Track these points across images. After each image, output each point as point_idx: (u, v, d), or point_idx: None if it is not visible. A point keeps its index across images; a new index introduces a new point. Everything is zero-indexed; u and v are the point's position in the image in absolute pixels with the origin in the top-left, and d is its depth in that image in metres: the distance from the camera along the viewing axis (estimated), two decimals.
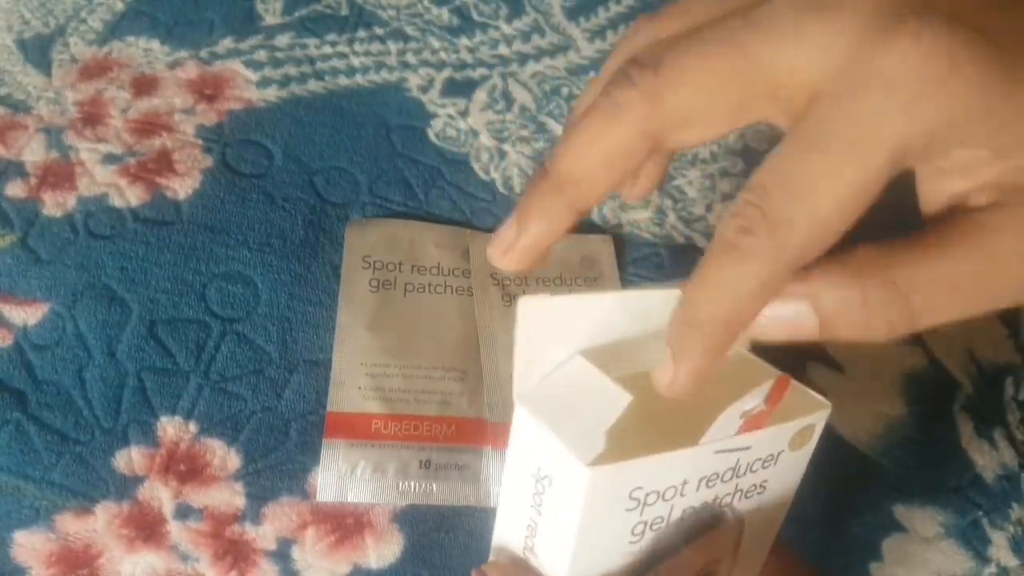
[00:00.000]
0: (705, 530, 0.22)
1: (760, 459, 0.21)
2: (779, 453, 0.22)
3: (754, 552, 0.24)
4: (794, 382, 0.22)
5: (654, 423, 0.20)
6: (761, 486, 0.22)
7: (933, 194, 0.20)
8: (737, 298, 0.18)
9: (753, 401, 0.20)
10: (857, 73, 0.17)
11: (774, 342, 0.19)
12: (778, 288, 0.18)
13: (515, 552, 0.23)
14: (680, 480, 0.21)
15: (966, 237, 0.18)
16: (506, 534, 0.23)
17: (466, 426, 0.37)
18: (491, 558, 0.24)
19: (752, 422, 0.21)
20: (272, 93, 0.47)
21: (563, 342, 0.21)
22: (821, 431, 0.22)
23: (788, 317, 0.18)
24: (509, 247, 0.22)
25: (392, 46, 0.50)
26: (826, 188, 0.17)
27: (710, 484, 0.21)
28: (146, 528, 0.34)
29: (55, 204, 0.42)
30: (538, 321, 0.21)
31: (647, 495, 0.20)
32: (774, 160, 0.18)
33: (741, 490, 0.22)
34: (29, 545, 0.34)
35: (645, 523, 0.21)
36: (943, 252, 0.18)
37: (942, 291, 0.18)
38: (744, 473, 0.21)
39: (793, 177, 0.17)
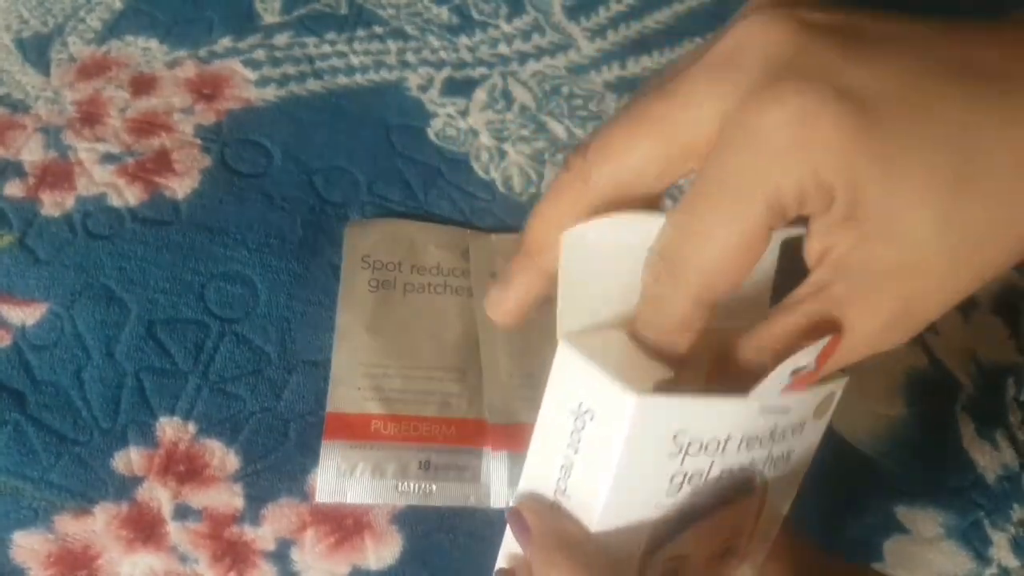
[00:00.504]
0: (736, 495, 0.22)
1: (791, 426, 0.22)
2: (804, 422, 0.22)
3: (770, 524, 0.24)
4: None
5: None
6: (787, 455, 0.22)
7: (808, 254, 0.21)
8: (666, 330, 0.21)
9: (806, 359, 0.20)
10: (735, 130, 0.19)
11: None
12: (696, 323, 0.21)
13: (546, 496, 0.23)
14: (724, 434, 0.21)
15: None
16: (536, 480, 0.23)
17: (466, 427, 0.37)
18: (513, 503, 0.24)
19: (797, 382, 0.20)
20: (271, 92, 0.47)
21: (606, 275, 0.22)
22: (835, 403, 0.22)
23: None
24: (499, 305, 0.25)
25: (392, 45, 0.50)
26: (716, 237, 0.19)
27: (750, 446, 0.21)
28: (145, 529, 0.34)
29: (53, 204, 0.42)
30: (580, 254, 0.22)
31: (690, 443, 0.20)
32: (674, 215, 0.20)
33: (773, 457, 0.22)
34: (28, 546, 0.34)
35: (685, 475, 0.21)
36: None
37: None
38: (778, 439, 0.22)
39: (688, 230, 0.20)
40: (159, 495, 0.35)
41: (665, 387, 0.20)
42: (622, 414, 0.19)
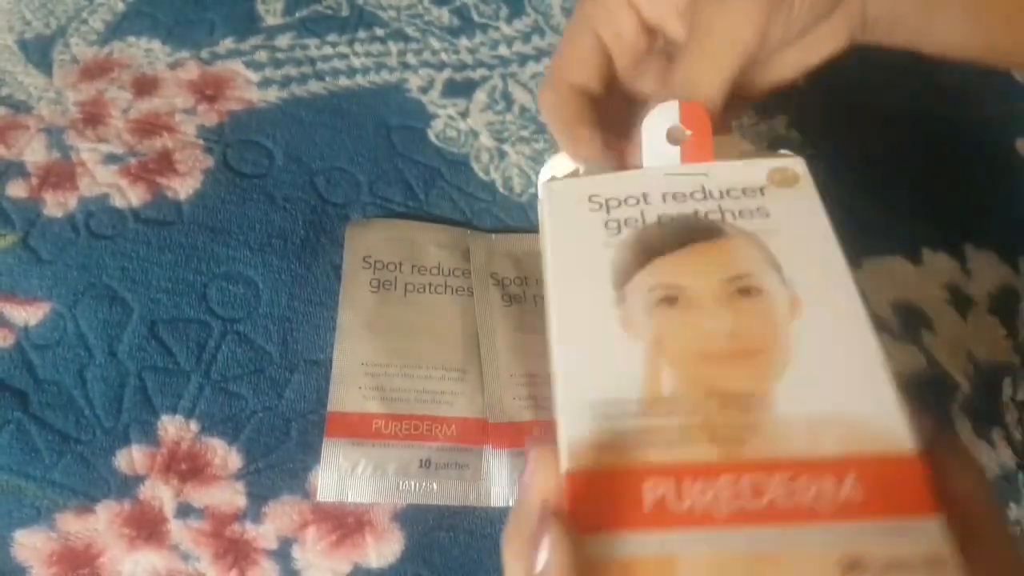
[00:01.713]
0: (702, 237, 0.23)
1: (737, 188, 0.24)
2: (762, 187, 0.24)
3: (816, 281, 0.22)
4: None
5: None
6: (760, 211, 0.23)
7: None
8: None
9: (662, 116, 0.25)
10: None
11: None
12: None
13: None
14: (638, 191, 0.24)
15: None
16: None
17: (466, 426, 0.37)
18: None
19: (693, 153, 0.25)
20: (273, 93, 0.47)
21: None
22: (812, 179, 0.24)
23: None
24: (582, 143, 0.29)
25: (392, 47, 0.50)
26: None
27: (678, 199, 0.24)
28: (147, 527, 0.34)
29: (56, 204, 0.42)
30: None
31: (607, 199, 0.24)
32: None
33: (729, 210, 0.23)
34: (30, 544, 0.34)
35: (617, 221, 0.24)
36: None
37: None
38: (721, 196, 0.24)
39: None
40: (161, 493, 0.35)
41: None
42: (543, 197, 0.25)
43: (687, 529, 0.18)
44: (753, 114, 0.49)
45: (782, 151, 0.25)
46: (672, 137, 0.25)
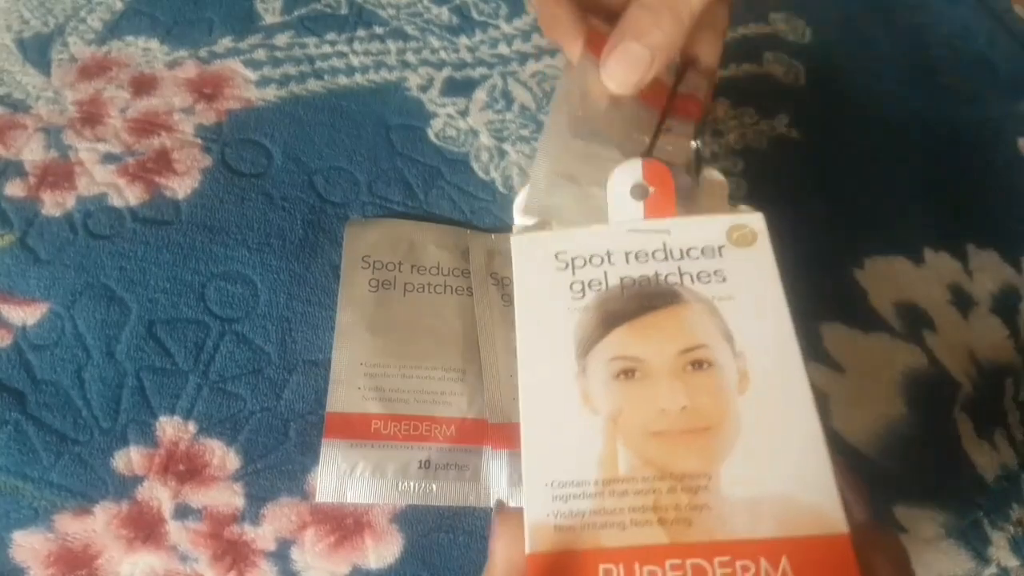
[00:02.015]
0: (661, 303, 0.24)
1: (697, 248, 0.25)
2: (720, 247, 0.25)
3: (773, 359, 0.23)
4: (738, 210, 0.26)
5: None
6: (717, 274, 0.24)
7: None
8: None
9: (628, 172, 0.26)
10: None
11: (635, 88, 0.28)
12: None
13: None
14: (603, 250, 0.25)
15: None
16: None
17: (466, 426, 0.37)
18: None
19: (655, 208, 0.26)
20: (271, 92, 0.47)
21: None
22: (769, 237, 0.25)
23: (626, 60, 0.28)
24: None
25: (392, 45, 0.50)
26: None
27: (640, 259, 0.25)
28: (145, 528, 0.34)
29: (54, 204, 0.42)
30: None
31: (573, 259, 0.25)
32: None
33: (688, 272, 0.24)
34: (28, 545, 0.34)
35: (582, 283, 0.25)
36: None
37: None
38: (681, 257, 0.25)
39: None
40: (159, 494, 0.35)
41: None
42: (513, 250, 0.26)
43: None
44: (754, 113, 0.49)
45: (742, 207, 0.27)
46: (636, 194, 0.26)
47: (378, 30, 0.51)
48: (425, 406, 0.37)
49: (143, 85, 0.46)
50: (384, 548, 0.35)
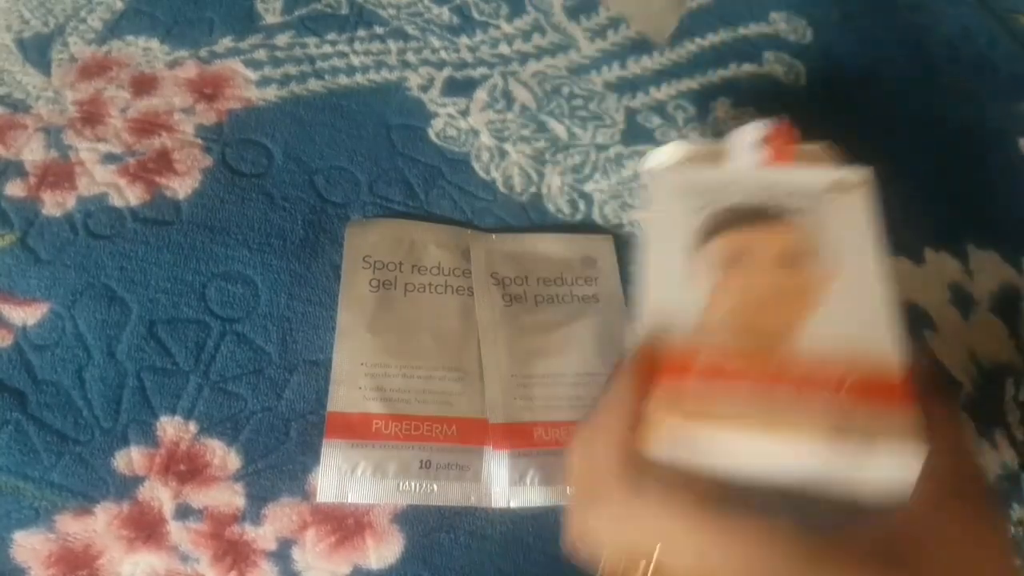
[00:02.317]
0: (766, 218, 0.28)
1: (803, 190, 0.29)
2: (825, 190, 0.29)
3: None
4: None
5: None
6: (815, 208, 0.28)
7: None
8: None
9: (753, 132, 0.31)
10: None
11: None
12: None
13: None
14: (723, 183, 0.29)
15: None
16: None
17: (466, 426, 0.37)
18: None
19: (773, 160, 0.30)
20: (272, 92, 0.47)
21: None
22: (869, 187, 0.29)
23: None
24: None
25: (392, 45, 0.50)
26: None
27: (751, 193, 0.29)
28: (146, 528, 0.34)
29: (55, 204, 0.42)
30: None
31: (698, 186, 0.29)
32: None
33: (792, 205, 0.28)
34: (29, 545, 0.34)
35: (703, 203, 0.29)
36: None
37: None
38: (788, 195, 0.29)
39: None
40: (160, 495, 0.35)
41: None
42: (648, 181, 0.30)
43: (712, 421, 0.23)
44: (754, 113, 0.49)
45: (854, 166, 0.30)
46: (758, 147, 0.31)
47: (379, 30, 0.51)
48: (426, 406, 0.37)
49: (143, 85, 0.46)
50: (385, 548, 0.35)
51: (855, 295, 0.26)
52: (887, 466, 0.22)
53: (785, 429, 0.23)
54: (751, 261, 0.27)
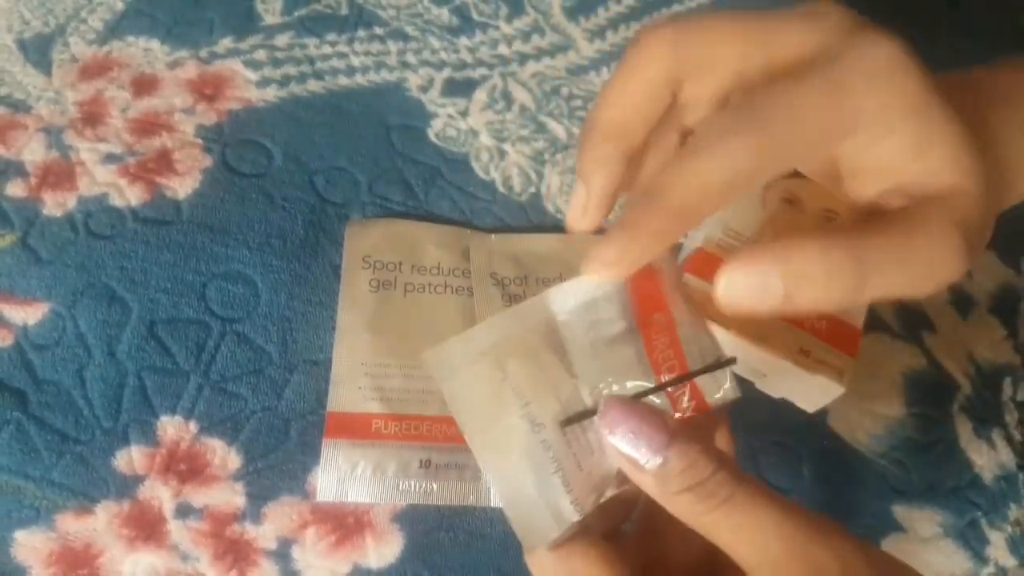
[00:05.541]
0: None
1: None
2: None
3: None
4: None
5: None
6: None
7: (858, 191, 0.25)
8: (706, 186, 0.21)
9: None
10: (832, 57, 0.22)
11: (738, 310, 0.22)
12: (746, 186, 0.22)
13: None
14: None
15: (909, 228, 0.22)
16: None
17: None
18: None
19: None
20: (272, 93, 0.47)
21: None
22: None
23: (755, 284, 0.21)
24: (583, 210, 0.26)
25: (392, 46, 0.50)
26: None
27: None
28: (146, 528, 0.34)
29: (55, 204, 0.42)
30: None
31: None
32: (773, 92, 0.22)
33: None
34: (29, 544, 0.34)
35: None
36: (891, 238, 0.22)
37: (891, 269, 0.22)
38: None
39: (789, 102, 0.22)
40: (160, 494, 0.35)
41: None
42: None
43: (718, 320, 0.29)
44: None
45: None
46: None
47: (378, 31, 0.51)
48: (426, 406, 0.37)
49: (144, 85, 0.46)
50: (385, 547, 0.35)
51: None
52: (817, 388, 0.31)
53: (767, 344, 0.30)
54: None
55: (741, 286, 0.22)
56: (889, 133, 0.22)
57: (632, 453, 0.22)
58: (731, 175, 0.21)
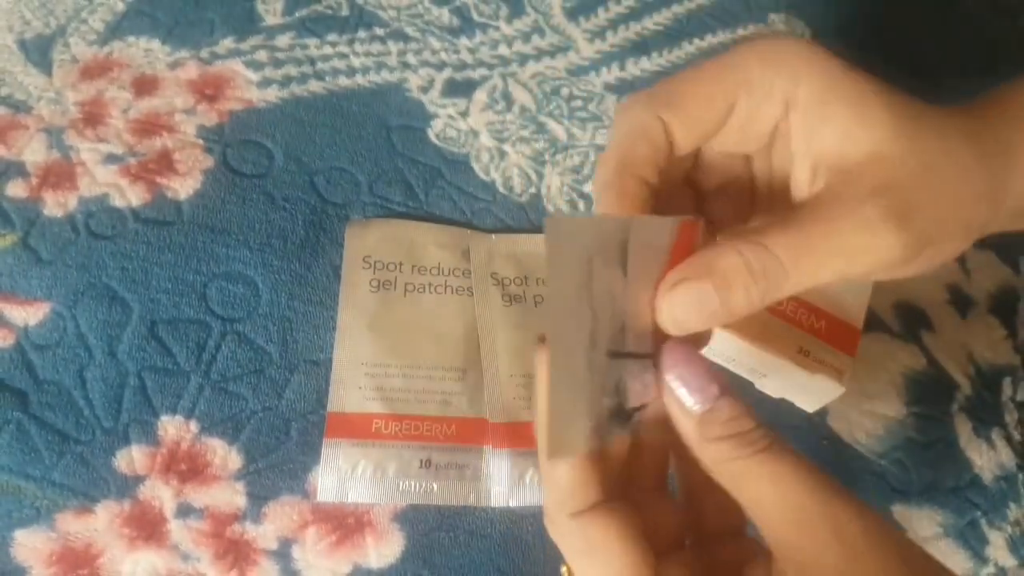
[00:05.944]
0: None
1: None
2: None
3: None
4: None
5: None
6: None
7: (785, 177, 0.26)
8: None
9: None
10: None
11: (684, 330, 0.23)
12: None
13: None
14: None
15: (820, 209, 0.23)
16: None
17: (466, 426, 0.37)
18: None
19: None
20: (273, 93, 0.47)
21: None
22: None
23: (692, 301, 0.22)
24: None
25: (392, 46, 0.50)
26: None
27: None
28: (147, 527, 0.34)
29: (56, 204, 0.42)
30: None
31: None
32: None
33: None
34: (30, 544, 0.34)
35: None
36: (804, 225, 0.23)
37: (809, 255, 0.22)
38: None
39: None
40: (161, 494, 0.35)
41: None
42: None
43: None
44: None
45: None
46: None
47: (379, 31, 0.51)
48: (426, 406, 0.37)
49: (144, 86, 0.46)
50: (385, 547, 0.35)
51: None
52: (816, 388, 0.33)
53: (767, 344, 0.32)
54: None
55: (680, 307, 0.22)
56: (792, 106, 0.24)
57: (684, 394, 0.23)
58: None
